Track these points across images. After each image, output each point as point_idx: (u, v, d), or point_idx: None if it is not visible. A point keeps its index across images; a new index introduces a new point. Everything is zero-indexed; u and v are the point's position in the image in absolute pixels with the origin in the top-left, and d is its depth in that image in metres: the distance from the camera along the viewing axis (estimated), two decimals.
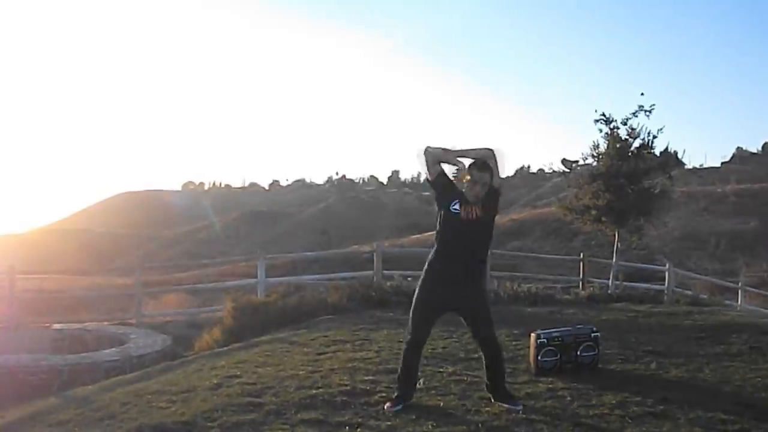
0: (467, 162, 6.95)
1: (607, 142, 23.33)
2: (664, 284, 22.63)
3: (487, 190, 6.86)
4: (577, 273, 22.21)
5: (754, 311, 21.00)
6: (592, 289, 19.04)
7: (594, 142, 23.89)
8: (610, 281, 22.28)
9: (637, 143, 23.17)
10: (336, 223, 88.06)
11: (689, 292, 21.29)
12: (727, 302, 21.82)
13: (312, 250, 45.72)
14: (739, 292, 24.83)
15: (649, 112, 22.92)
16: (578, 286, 20.69)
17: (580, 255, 22.73)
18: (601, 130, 23.57)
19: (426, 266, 7.07)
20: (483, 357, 7.21)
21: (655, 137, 23.28)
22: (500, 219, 64.73)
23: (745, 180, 70.29)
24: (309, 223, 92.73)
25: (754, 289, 27.28)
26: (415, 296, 7.12)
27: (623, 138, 23.15)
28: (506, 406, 6.87)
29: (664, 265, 23.36)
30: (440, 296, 6.96)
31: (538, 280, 21.26)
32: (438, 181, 6.99)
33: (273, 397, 7.30)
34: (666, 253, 42.03)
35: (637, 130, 23.15)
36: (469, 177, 6.86)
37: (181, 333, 16.22)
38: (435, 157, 6.94)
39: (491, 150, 6.92)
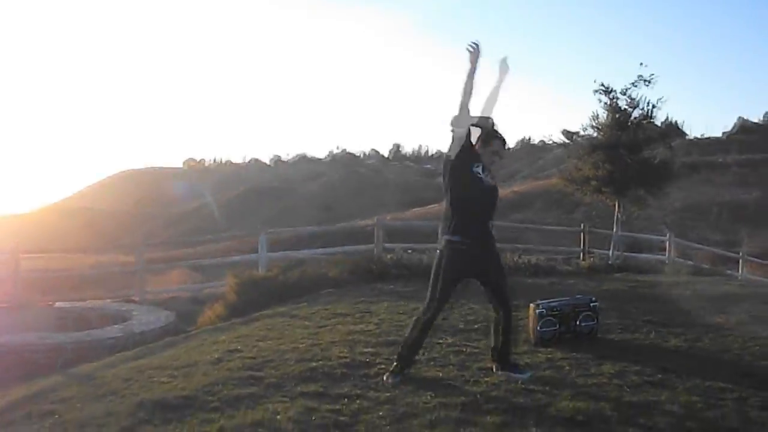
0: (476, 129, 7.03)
1: (606, 112, 23.35)
2: (665, 254, 22.67)
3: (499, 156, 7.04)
4: (578, 244, 22.22)
5: (756, 281, 21.03)
6: (592, 259, 19.09)
7: (594, 112, 23.91)
8: (611, 252, 22.30)
9: (636, 113, 23.19)
10: (339, 197, 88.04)
11: (690, 263, 21.32)
12: (729, 272, 21.88)
13: (315, 225, 45.79)
14: (741, 262, 24.85)
15: (649, 82, 22.91)
16: (579, 257, 20.70)
17: (581, 226, 22.74)
18: (600, 101, 23.59)
19: (448, 235, 6.98)
20: (495, 321, 7.25)
21: (655, 107, 23.28)
22: (502, 191, 64.72)
23: (747, 150, 70.14)
24: (312, 198, 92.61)
25: (755, 259, 27.26)
26: (439, 267, 7.02)
27: (623, 108, 23.16)
28: (512, 375, 6.95)
29: (666, 236, 23.38)
30: (468, 265, 6.98)
31: (539, 252, 21.26)
32: (465, 146, 6.94)
33: (273, 370, 7.34)
34: (668, 224, 41.91)
35: (637, 100, 23.16)
36: (490, 147, 6.97)
37: (185, 309, 16.27)
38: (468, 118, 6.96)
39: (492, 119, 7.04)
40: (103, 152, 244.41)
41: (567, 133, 26.44)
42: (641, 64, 27.54)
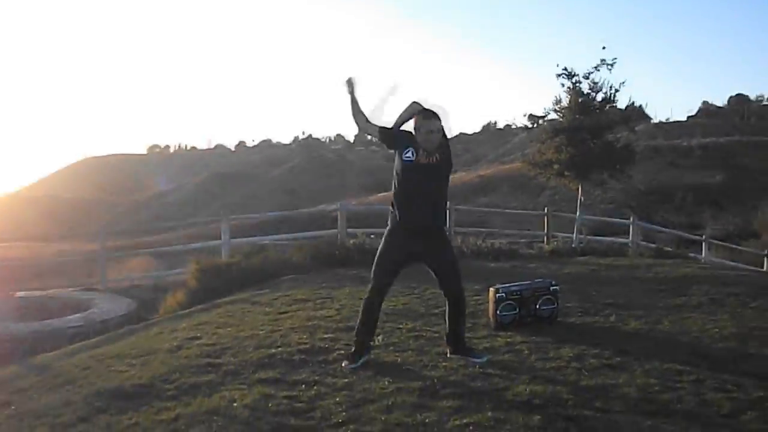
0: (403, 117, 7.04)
1: (569, 96, 23.46)
2: (628, 238, 22.76)
3: (441, 136, 6.84)
4: (543, 228, 22.29)
5: (718, 263, 21.15)
6: (555, 243, 19.14)
7: (556, 96, 24.03)
8: (574, 235, 22.38)
9: (599, 97, 23.33)
10: (303, 183, 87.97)
11: (653, 245, 21.40)
12: (692, 255, 21.99)
13: (279, 211, 45.64)
14: (704, 244, 24.98)
15: (611, 66, 23.04)
16: (543, 241, 20.76)
17: (544, 210, 22.81)
18: (563, 85, 23.69)
19: (390, 218, 7.05)
20: (446, 307, 7.22)
21: (617, 91, 23.44)
22: (467, 175, 65.15)
23: (710, 134, 70.63)
24: (276, 183, 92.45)
25: (718, 242, 27.45)
26: (380, 246, 7.11)
27: (585, 92, 23.28)
28: (469, 359, 6.94)
29: (629, 219, 23.48)
30: (406, 246, 6.95)
31: (503, 236, 21.34)
32: (384, 135, 7.04)
33: (231, 357, 7.31)
34: (632, 207, 42.21)
35: (600, 84, 23.29)
36: (423, 128, 6.81)
37: (147, 297, 16.16)
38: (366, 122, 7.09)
39: (418, 102, 6.98)
40: (64, 139, 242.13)
41: (532, 118, 26.51)
42: (603, 47, 27.78)
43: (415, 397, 5.87)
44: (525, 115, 27.38)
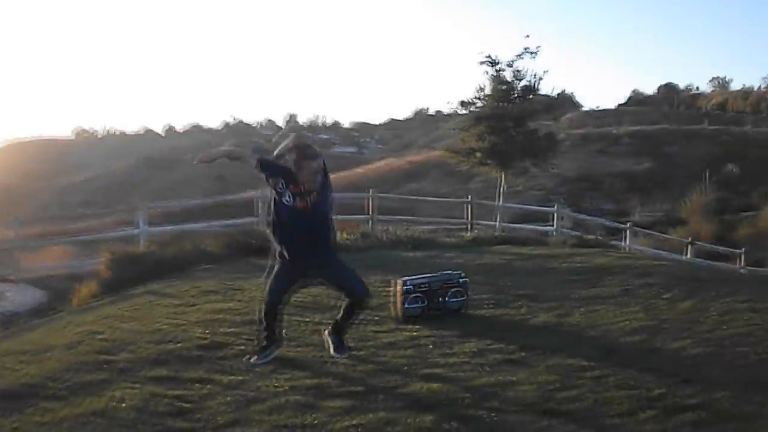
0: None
1: (491, 84, 23.55)
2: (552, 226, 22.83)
3: (322, 174, 6.85)
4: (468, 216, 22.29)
5: (638, 252, 21.28)
6: (477, 231, 19.12)
7: (479, 84, 24.11)
8: (496, 224, 22.41)
9: (522, 85, 23.44)
10: (233, 168, 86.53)
11: (576, 233, 21.46)
12: (615, 243, 22.11)
13: (208, 196, 45.21)
14: (627, 232, 25.13)
15: (534, 54, 23.12)
16: (466, 229, 20.73)
17: (468, 197, 22.79)
18: (486, 72, 23.75)
19: (274, 252, 7.09)
20: (345, 302, 7.14)
21: (540, 79, 23.56)
22: (398, 161, 65.22)
23: (639, 122, 71.59)
24: (206, 168, 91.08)
25: (642, 230, 27.64)
26: (272, 276, 7.08)
27: (508, 80, 23.37)
28: (333, 353, 6.95)
29: (553, 207, 23.55)
30: (296, 273, 7.02)
31: (426, 224, 21.28)
32: (264, 168, 7.11)
33: (129, 354, 7.12)
34: (562, 194, 42.55)
35: (523, 72, 23.40)
36: (305, 168, 6.77)
37: (62, 286, 15.82)
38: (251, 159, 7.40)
39: (298, 134, 7.03)
40: None
41: (464, 104, 26.52)
42: (527, 36, 28.04)
43: (307, 397, 5.77)
44: (448, 103, 27.53)
